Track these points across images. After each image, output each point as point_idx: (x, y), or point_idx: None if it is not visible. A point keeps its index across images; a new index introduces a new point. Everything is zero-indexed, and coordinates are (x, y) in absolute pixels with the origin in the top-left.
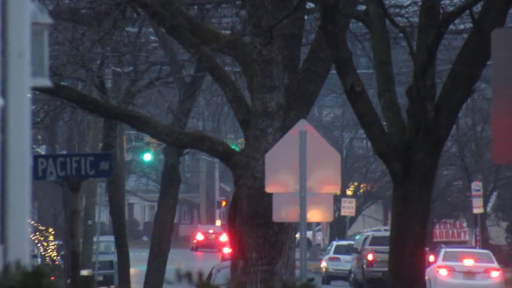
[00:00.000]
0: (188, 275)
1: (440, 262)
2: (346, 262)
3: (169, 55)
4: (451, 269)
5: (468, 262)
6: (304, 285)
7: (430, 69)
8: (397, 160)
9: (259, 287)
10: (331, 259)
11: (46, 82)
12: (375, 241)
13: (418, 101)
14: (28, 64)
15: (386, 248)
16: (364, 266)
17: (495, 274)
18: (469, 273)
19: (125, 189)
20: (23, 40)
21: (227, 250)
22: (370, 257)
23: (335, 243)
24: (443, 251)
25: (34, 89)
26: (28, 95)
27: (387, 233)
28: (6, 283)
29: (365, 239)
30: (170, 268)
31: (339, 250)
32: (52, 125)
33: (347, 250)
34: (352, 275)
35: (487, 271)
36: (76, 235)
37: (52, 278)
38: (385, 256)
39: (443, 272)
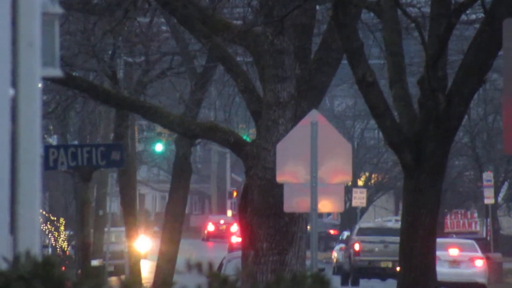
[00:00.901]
0: (199, 265)
1: None
2: None
3: (181, 45)
4: (437, 258)
5: (453, 252)
6: (315, 275)
7: (442, 60)
8: (408, 150)
9: (270, 278)
10: (342, 249)
11: (57, 72)
12: (362, 231)
13: (429, 91)
14: (38, 54)
15: (372, 238)
16: (351, 255)
17: (479, 262)
18: (454, 262)
19: (136, 179)
20: (33, 30)
21: (235, 240)
22: (357, 246)
23: (346, 233)
24: None
25: (46, 79)
26: (39, 85)
27: (374, 224)
28: (16, 273)
29: (352, 229)
30: (181, 258)
31: None
32: (63, 116)
33: None
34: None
35: (471, 260)
36: (87, 225)
37: (63, 268)
38: (372, 246)
39: None
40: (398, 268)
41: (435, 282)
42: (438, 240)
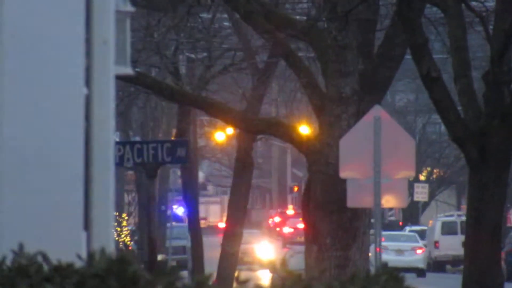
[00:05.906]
0: (272, 263)
1: None
2: None
3: (243, 41)
4: (385, 248)
5: (398, 242)
6: (388, 273)
7: (507, 54)
8: (473, 145)
9: (333, 273)
10: None
11: (128, 70)
12: None
13: (494, 86)
14: (112, 52)
15: None
16: None
17: (419, 251)
18: (399, 251)
19: (198, 174)
20: (107, 27)
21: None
22: None
23: (408, 228)
24: None
25: (117, 77)
26: (112, 83)
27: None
28: (91, 270)
29: None
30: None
31: None
32: (126, 111)
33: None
34: None
35: (413, 249)
36: (152, 221)
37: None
38: None
39: None
40: None
41: (501, 277)
42: (386, 232)
